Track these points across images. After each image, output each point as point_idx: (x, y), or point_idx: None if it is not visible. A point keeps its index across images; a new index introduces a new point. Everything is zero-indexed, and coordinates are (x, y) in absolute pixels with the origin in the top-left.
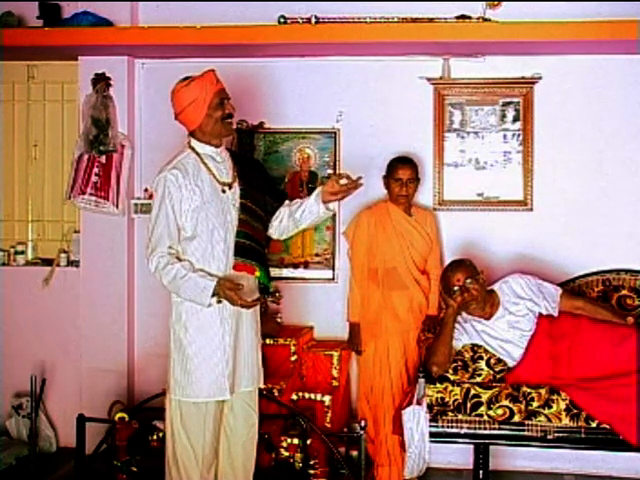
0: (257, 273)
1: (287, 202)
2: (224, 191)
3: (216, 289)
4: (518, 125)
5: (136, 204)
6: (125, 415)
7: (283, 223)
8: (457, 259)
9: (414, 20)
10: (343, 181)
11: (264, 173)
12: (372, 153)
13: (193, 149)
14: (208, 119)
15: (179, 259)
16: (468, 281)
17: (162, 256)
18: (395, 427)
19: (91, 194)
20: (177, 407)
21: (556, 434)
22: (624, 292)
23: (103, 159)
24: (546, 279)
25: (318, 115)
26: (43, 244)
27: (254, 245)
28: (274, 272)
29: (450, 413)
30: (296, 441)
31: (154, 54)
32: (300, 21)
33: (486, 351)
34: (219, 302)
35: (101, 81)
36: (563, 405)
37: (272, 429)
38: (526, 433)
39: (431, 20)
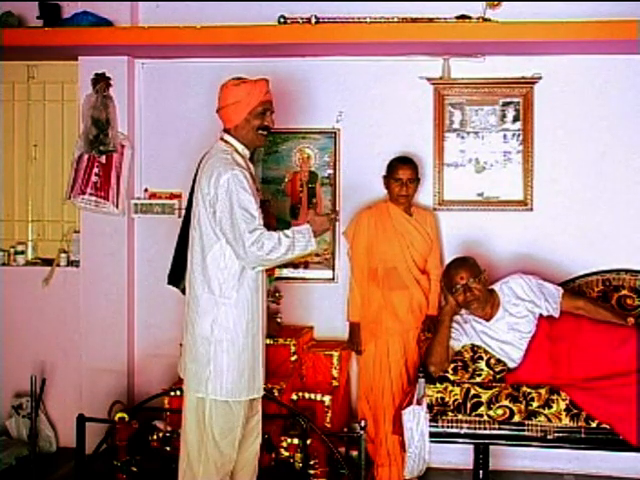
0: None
1: None
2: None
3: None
4: (518, 125)
5: (136, 204)
6: (125, 415)
7: None
8: (461, 257)
9: (414, 20)
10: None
11: None
12: (372, 153)
13: (236, 149)
14: (245, 123)
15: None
16: (471, 280)
17: (262, 232)
18: (395, 427)
19: (91, 194)
20: (211, 407)
21: (556, 434)
22: (624, 292)
23: (103, 159)
24: (546, 279)
25: (318, 115)
26: (43, 244)
27: None
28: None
29: (450, 413)
30: (296, 441)
31: (154, 54)
32: (300, 21)
33: (486, 351)
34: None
35: (101, 81)
36: (563, 405)
37: (272, 429)
38: (526, 433)
39: (431, 20)
